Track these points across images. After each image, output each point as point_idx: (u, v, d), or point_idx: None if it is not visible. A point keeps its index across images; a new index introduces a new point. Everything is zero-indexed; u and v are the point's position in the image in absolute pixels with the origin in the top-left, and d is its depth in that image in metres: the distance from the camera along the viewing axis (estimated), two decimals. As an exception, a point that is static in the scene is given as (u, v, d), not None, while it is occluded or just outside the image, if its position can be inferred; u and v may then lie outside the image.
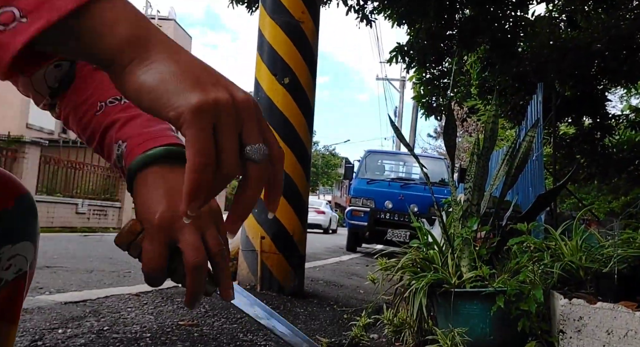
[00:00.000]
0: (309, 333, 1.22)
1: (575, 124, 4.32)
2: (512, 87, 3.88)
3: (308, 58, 1.78)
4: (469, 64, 4.42)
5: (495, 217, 1.23)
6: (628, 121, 4.32)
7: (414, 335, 1.10)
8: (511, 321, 0.95)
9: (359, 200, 4.83)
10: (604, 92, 4.07)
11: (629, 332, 0.85)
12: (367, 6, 3.53)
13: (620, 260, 0.93)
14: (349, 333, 1.18)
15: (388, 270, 1.21)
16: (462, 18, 3.38)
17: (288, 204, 1.72)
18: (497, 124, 1.21)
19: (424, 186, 4.68)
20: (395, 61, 3.83)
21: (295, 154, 1.74)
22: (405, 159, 5.37)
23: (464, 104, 5.35)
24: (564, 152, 4.29)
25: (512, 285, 0.94)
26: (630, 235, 1.04)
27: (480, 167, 1.18)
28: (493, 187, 1.27)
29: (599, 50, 3.49)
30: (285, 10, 1.75)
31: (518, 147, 1.24)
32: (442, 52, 3.57)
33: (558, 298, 0.95)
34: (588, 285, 1.03)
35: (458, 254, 1.10)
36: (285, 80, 1.74)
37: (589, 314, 0.89)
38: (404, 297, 1.13)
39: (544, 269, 1.04)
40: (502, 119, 4.36)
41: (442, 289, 1.04)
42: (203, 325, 1.18)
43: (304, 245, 1.81)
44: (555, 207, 2.90)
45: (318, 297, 1.81)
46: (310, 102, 1.81)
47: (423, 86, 4.48)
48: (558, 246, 1.12)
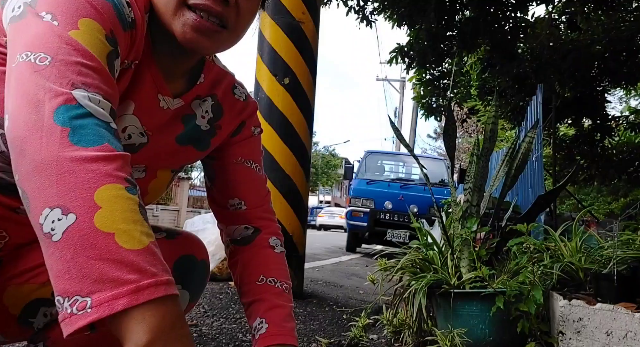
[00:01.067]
0: (308, 333, 1.22)
1: (575, 125, 4.32)
2: (512, 88, 3.88)
3: (308, 58, 1.78)
4: (469, 65, 4.42)
5: (495, 218, 1.23)
6: (628, 123, 4.32)
7: (413, 336, 1.09)
8: (511, 322, 0.95)
9: (358, 200, 4.83)
10: (604, 93, 4.07)
11: (628, 334, 0.85)
12: (367, 7, 3.54)
13: (619, 261, 0.93)
14: (349, 334, 1.18)
15: (387, 270, 1.21)
16: (462, 19, 3.38)
17: (288, 204, 1.72)
18: (497, 124, 1.21)
19: (423, 187, 4.68)
20: (396, 62, 3.83)
21: (295, 155, 1.74)
22: (405, 160, 5.37)
23: (463, 105, 5.36)
24: (564, 154, 4.29)
25: (511, 286, 0.94)
26: (629, 236, 1.04)
27: (480, 168, 1.18)
28: (493, 187, 1.27)
29: (599, 51, 3.49)
30: (286, 11, 1.75)
31: (518, 148, 1.24)
32: (442, 53, 3.57)
33: (557, 299, 0.95)
34: (587, 286, 1.03)
35: (458, 255, 1.10)
36: (286, 80, 1.74)
37: (588, 315, 0.89)
38: (404, 298, 1.13)
39: (544, 270, 1.04)
40: (502, 120, 4.36)
41: (441, 290, 1.04)
42: (202, 325, 1.18)
43: (303, 245, 1.80)
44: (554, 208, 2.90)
45: (317, 297, 1.81)
46: (310, 103, 1.81)
47: (423, 87, 4.49)
48: (557, 247, 1.12)
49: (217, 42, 0.45)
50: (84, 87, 0.34)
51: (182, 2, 0.43)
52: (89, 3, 0.38)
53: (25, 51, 0.34)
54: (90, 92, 0.34)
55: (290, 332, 0.51)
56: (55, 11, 0.36)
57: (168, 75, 0.49)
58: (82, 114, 0.33)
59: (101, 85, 0.35)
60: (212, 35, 0.44)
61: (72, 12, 0.37)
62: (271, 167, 1.69)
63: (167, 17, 0.44)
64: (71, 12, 0.37)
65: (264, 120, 1.72)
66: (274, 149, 1.71)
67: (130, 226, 0.31)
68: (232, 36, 0.47)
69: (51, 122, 0.32)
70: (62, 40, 0.35)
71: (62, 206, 0.30)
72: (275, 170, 1.70)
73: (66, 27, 0.36)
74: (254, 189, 0.58)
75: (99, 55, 0.36)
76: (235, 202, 0.57)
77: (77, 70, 0.34)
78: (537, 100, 2.69)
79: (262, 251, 0.56)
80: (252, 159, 0.58)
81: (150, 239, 0.32)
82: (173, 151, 0.53)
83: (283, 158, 1.72)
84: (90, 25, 0.37)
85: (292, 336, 0.51)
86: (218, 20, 0.44)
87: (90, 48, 0.36)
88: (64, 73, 0.34)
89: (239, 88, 0.58)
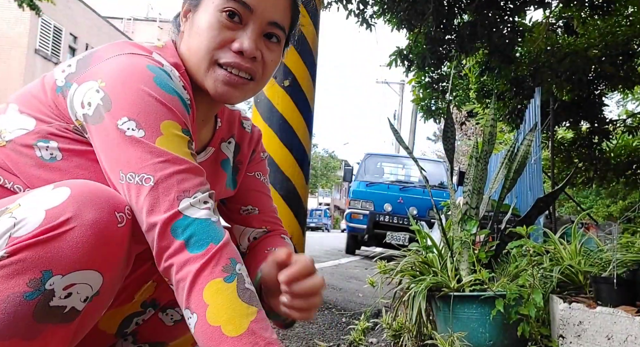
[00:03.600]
0: (306, 337, 1.21)
1: (573, 128, 4.34)
2: (510, 91, 3.91)
3: (308, 61, 1.79)
4: (468, 68, 4.45)
5: (494, 220, 1.23)
6: (625, 126, 4.35)
7: (413, 339, 1.09)
8: (511, 326, 0.95)
9: (358, 202, 4.82)
10: (601, 97, 4.11)
11: (628, 338, 0.84)
12: (367, 10, 3.56)
13: (619, 264, 0.93)
14: (348, 337, 1.18)
15: (387, 273, 1.20)
16: (461, 23, 3.41)
17: (287, 206, 1.72)
18: (495, 127, 1.21)
19: (423, 189, 4.68)
20: (395, 64, 3.85)
21: (295, 157, 1.74)
22: (405, 162, 5.37)
23: (462, 108, 5.38)
24: (562, 156, 4.31)
25: (511, 289, 0.94)
26: (629, 239, 1.04)
27: (479, 170, 1.18)
28: (492, 190, 1.27)
29: (596, 55, 3.53)
30: (286, 14, 1.76)
31: (516, 150, 1.24)
32: (441, 56, 3.59)
33: (557, 302, 0.95)
34: (587, 289, 1.02)
35: (457, 258, 1.10)
36: (286, 82, 1.74)
37: (588, 318, 0.89)
38: (403, 301, 1.12)
39: (544, 273, 1.04)
40: (500, 123, 4.38)
41: (441, 293, 1.04)
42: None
43: (302, 247, 1.80)
44: (554, 211, 2.90)
45: (316, 300, 1.80)
46: (310, 105, 1.81)
47: (422, 89, 4.51)
48: (557, 249, 1.12)
49: (245, 92, 0.51)
50: (185, 196, 0.42)
51: (214, 62, 0.48)
52: (163, 104, 0.43)
53: (129, 172, 0.42)
54: (191, 198, 0.42)
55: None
56: (137, 118, 0.42)
57: (200, 128, 0.54)
58: (189, 224, 0.41)
59: (195, 180, 0.43)
60: (241, 87, 0.49)
61: (152, 119, 0.42)
62: (271, 169, 1.69)
63: (200, 75, 0.49)
64: (151, 120, 0.42)
65: (263, 123, 1.72)
66: (274, 151, 1.71)
67: (230, 315, 0.39)
68: (259, 86, 0.52)
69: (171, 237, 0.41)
70: (154, 155, 0.42)
71: (187, 307, 0.41)
72: (274, 172, 1.70)
73: (152, 138, 0.42)
74: (265, 197, 0.62)
75: (184, 153, 0.43)
76: (249, 208, 0.61)
77: (175, 181, 0.42)
78: (535, 103, 2.70)
79: (274, 238, 0.60)
80: (261, 172, 0.64)
81: (250, 318, 0.40)
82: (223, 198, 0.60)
83: (283, 160, 1.72)
84: (171, 127, 0.43)
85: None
86: (247, 74, 0.49)
87: (177, 151, 0.43)
88: (167, 190, 0.41)
89: (245, 121, 0.62)
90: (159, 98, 0.42)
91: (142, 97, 0.42)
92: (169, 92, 0.44)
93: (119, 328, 0.58)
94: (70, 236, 0.37)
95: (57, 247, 0.37)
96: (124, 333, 0.59)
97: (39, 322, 0.37)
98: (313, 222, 15.31)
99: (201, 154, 0.55)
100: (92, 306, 0.40)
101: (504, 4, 3.29)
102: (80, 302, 0.39)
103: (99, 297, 0.41)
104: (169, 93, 0.43)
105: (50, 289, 0.37)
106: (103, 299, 0.42)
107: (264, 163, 0.65)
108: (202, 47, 0.48)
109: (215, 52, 0.48)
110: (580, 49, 3.51)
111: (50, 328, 0.38)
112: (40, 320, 0.37)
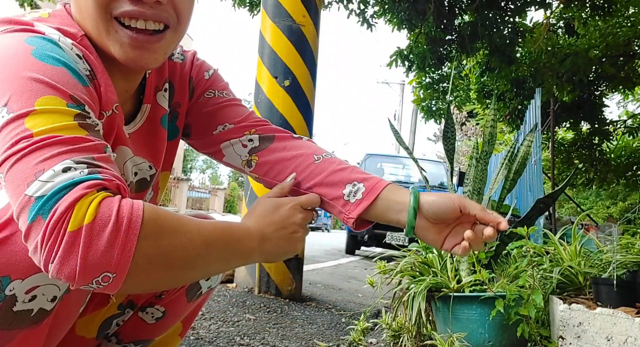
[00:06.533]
0: (306, 337, 1.21)
1: (573, 129, 4.34)
2: (511, 92, 3.91)
3: (309, 61, 1.79)
4: (468, 68, 4.45)
5: (494, 221, 1.22)
6: (625, 127, 4.35)
7: (412, 340, 1.09)
8: (510, 326, 0.95)
9: (357, 203, 4.80)
10: (602, 98, 4.10)
11: (628, 339, 0.84)
12: (368, 10, 3.56)
13: (619, 265, 0.92)
14: (347, 337, 1.18)
15: (387, 273, 1.20)
16: (462, 23, 3.41)
17: (287, 206, 1.71)
18: (495, 128, 1.21)
19: (423, 189, 4.66)
20: (395, 65, 3.85)
21: (295, 157, 1.74)
22: (405, 162, 5.37)
23: (463, 108, 5.38)
24: (563, 157, 4.31)
25: (511, 290, 0.93)
26: (629, 240, 1.03)
27: (479, 171, 1.18)
28: (492, 191, 1.27)
29: (597, 56, 3.52)
30: (287, 14, 1.76)
31: (517, 151, 1.24)
32: (441, 56, 3.59)
33: (557, 303, 0.94)
34: (587, 290, 1.02)
35: (457, 258, 1.10)
36: (286, 82, 1.74)
37: (588, 320, 0.89)
38: (403, 301, 1.12)
39: (543, 274, 1.04)
40: (500, 123, 4.37)
41: (441, 293, 1.04)
42: (199, 328, 1.17)
43: (302, 247, 1.79)
44: (554, 212, 2.90)
45: (316, 300, 1.80)
46: (310, 105, 1.81)
47: (423, 90, 4.51)
48: (557, 250, 1.12)
49: (163, 49, 0.42)
50: (36, 177, 0.32)
51: (111, 18, 0.40)
52: (39, 82, 0.35)
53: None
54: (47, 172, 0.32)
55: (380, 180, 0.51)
56: (9, 103, 0.34)
57: (126, 99, 0.46)
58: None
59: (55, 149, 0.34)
60: (155, 46, 0.41)
61: (25, 99, 0.34)
62: (270, 169, 1.69)
63: (103, 40, 0.41)
64: (24, 100, 0.34)
65: (263, 123, 1.72)
66: (274, 151, 1.71)
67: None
68: (178, 33, 0.43)
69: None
70: (19, 135, 0.33)
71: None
72: (274, 172, 1.69)
73: (21, 119, 0.33)
74: (230, 107, 0.53)
75: (60, 128, 0.34)
76: (220, 127, 0.52)
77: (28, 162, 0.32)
78: (536, 104, 2.70)
79: (292, 141, 0.52)
80: (215, 89, 0.53)
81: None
82: (167, 154, 0.52)
83: (282, 160, 1.72)
84: (48, 103, 0.34)
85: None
86: (157, 24, 0.40)
87: (52, 128, 0.33)
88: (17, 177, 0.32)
89: (175, 54, 0.52)
90: (34, 76, 0.35)
91: (15, 79, 0.35)
92: (51, 63, 0.36)
93: (99, 331, 0.56)
94: (22, 237, 0.32)
95: (9, 251, 0.34)
96: (106, 335, 0.58)
97: (6, 329, 0.35)
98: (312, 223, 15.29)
99: (137, 119, 0.47)
100: (64, 304, 0.38)
101: (504, 5, 3.29)
102: (48, 303, 0.37)
103: (70, 295, 0.38)
104: (52, 64, 0.36)
105: (11, 294, 0.35)
106: (75, 296, 0.39)
107: (214, 79, 0.54)
108: (90, 2, 0.39)
109: (108, 5, 0.39)
110: (580, 49, 3.51)
111: (20, 333, 0.36)
112: (7, 327, 0.35)
